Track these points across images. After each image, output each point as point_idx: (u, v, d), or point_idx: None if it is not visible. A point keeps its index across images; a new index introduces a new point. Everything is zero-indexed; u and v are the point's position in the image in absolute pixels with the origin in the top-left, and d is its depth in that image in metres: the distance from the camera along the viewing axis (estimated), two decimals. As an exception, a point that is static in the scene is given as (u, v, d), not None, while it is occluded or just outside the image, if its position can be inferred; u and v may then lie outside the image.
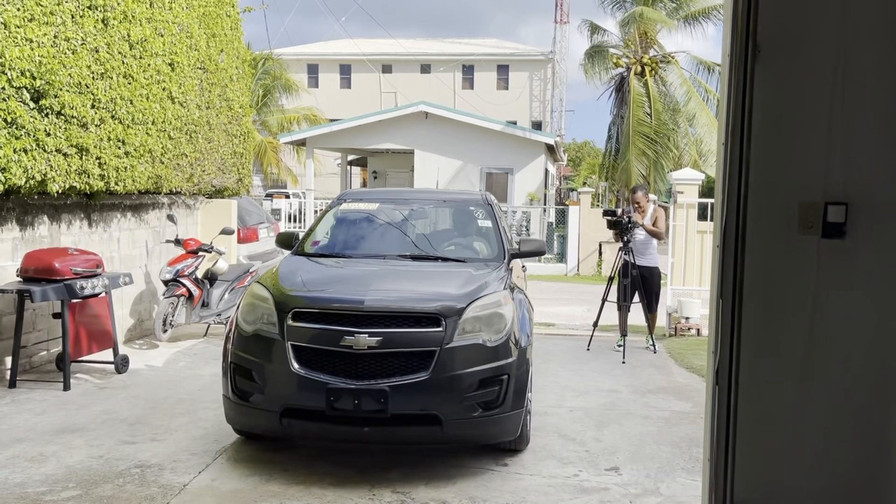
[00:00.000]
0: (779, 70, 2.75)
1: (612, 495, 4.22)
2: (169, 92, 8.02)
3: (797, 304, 2.79)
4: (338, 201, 6.27)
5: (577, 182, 38.65)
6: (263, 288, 4.72)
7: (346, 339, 4.22)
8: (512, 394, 4.39)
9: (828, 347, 2.78)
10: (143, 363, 7.08)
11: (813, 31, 2.74)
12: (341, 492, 4.16)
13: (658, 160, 21.67)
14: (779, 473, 2.82)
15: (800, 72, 2.75)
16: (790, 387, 2.80)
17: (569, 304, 12.13)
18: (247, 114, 10.46)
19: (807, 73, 2.75)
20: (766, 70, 2.74)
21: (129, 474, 4.35)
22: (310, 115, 29.14)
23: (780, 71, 2.75)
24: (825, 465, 2.81)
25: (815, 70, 2.74)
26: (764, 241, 2.79)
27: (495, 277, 4.96)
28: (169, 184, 8.24)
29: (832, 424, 2.80)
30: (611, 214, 8.16)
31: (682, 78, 22.58)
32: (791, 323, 2.80)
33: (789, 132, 2.78)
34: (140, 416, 5.44)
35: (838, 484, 2.81)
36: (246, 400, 4.45)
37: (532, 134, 21.12)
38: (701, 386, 6.73)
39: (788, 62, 2.75)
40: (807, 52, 2.75)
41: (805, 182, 2.78)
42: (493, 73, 38.72)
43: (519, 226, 18.15)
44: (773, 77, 2.75)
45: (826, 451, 2.80)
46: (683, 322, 9.20)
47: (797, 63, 2.75)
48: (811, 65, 2.75)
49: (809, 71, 2.75)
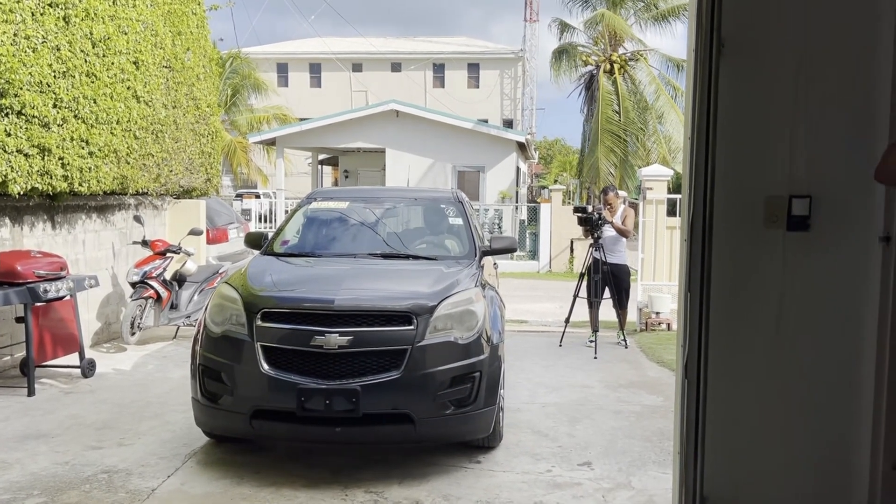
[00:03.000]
0: (743, 66, 2.78)
1: (585, 490, 4.23)
2: (134, 91, 7.88)
3: (764, 297, 2.82)
4: (307, 200, 6.22)
5: (548, 180, 38.86)
6: (232, 288, 4.66)
7: (316, 338, 4.18)
8: (484, 391, 4.39)
9: (794, 339, 2.82)
10: (111, 367, 6.96)
11: (775, 28, 2.78)
12: (313, 493, 4.12)
13: (626, 158, 21.87)
14: (747, 465, 2.86)
15: (763, 68, 2.79)
16: (758, 379, 2.84)
17: (541, 301, 12.18)
18: (215, 113, 10.33)
19: (770, 69, 2.78)
20: (731, 66, 2.77)
21: (95, 480, 4.27)
22: (280, 115, 28.88)
23: (745, 67, 2.78)
24: (792, 457, 2.85)
25: (778, 66, 2.78)
26: (730, 235, 2.82)
27: (467, 275, 4.95)
28: (135, 184, 8.10)
29: (799, 416, 2.84)
30: (581, 211, 8.22)
31: (650, 76, 22.81)
32: (758, 315, 2.83)
33: (754, 127, 2.81)
34: (107, 420, 5.35)
35: (805, 475, 2.85)
36: (215, 402, 4.38)
37: (503, 132, 21.17)
38: (671, 380, 6.77)
39: (752, 58, 2.78)
40: (770, 48, 2.78)
41: (770, 176, 2.81)
42: (464, 71, 38.72)
43: (491, 224, 18.19)
44: (737, 73, 2.78)
45: (793, 443, 2.84)
46: (654, 317, 9.28)
47: (761, 59, 2.78)
48: (774, 61, 2.78)
49: (773, 67, 2.78)
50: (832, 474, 2.84)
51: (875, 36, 2.73)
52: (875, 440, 2.77)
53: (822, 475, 2.84)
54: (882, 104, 2.74)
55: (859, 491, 2.81)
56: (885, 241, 2.74)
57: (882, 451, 2.76)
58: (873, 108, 2.75)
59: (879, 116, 2.75)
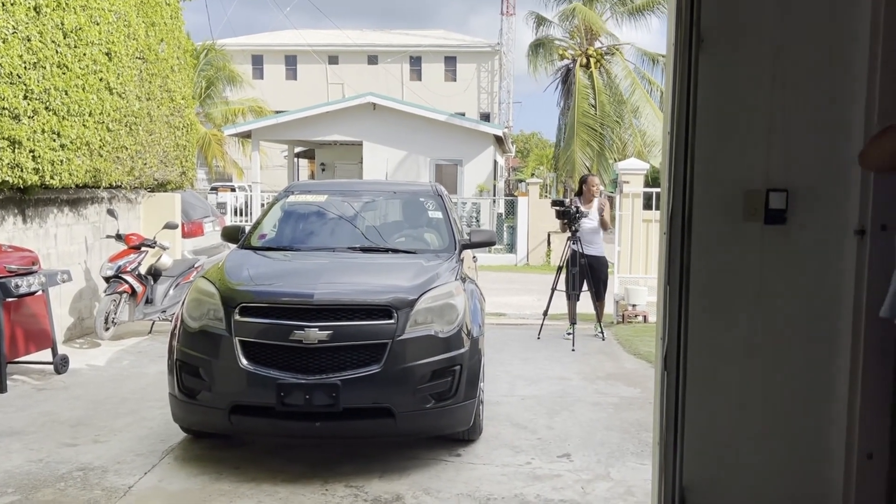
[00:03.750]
0: (722, 60, 2.80)
1: (565, 481, 4.26)
2: (106, 82, 7.75)
3: (742, 290, 2.85)
4: (285, 193, 6.17)
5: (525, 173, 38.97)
6: (209, 283, 4.61)
7: (295, 333, 4.16)
8: (465, 384, 4.39)
9: (772, 331, 2.85)
10: (85, 363, 6.86)
11: (753, 22, 2.80)
12: (294, 488, 4.10)
13: (602, 151, 21.99)
14: (726, 456, 2.89)
15: (742, 62, 2.81)
16: (736, 371, 2.87)
17: (519, 293, 12.22)
18: (189, 105, 10.20)
19: (749, 63, 2.81)
20: (710, 60, 2.79)
21: (70, 477, 4.21)
22: (255, 107, 28.59)
23: (724, 61, 2.80)
24: (770, 447, 2.89)
25: (756, 60, 2.80)
26: (709, 228, 2.84)
27: (447, 268, 4.95)
28: (108, 177, 7.98)
29: (777, 407, 2.88)
30: (559, 205, 8.25)
31: (626, 70, 22.93)
32: (736, 308, 2.86)
33: (732, 121, 2.83)
34: (82, 417, 5.27)
35: (783, 464, 2.89)
36: (193, 397, 4.34)
37: (481, 125, 21.19)
38: (649, 372, 6.86)
39: (731, 52, 2.80)
40: (748, 42, 2.81)
41: (748, 170, 2.84)
42: (441, 64, 38.64)
43: (469, 217, 18.22)
44: (716, 67, 2.80)
45: (771, 432, 2.88)
46: (630, 309, 9.36)
47: (739, 53, 2.81)
48: (753, 55, 2.81)
49: (751, 61, 2.81)
50: (809, 464, 2.88)
51: (851, 30, 2.76)
52: (850, 430, 2.82)
53: (799, 465, 2.88)
54: (857, 99, 2.77)
55: (835, 480, 2.86)
56: (859, 234, 2.78)
57: (857, 440, 2.81)
58: (849, 102, 2.79)
59: (855, 111, 2.79)
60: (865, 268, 2.77)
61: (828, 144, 2.81)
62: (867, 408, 2.79)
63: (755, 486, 2.89)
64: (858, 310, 2.79)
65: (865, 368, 2.78)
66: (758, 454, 2.88)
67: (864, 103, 2.76)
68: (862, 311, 2.78)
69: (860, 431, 2.80)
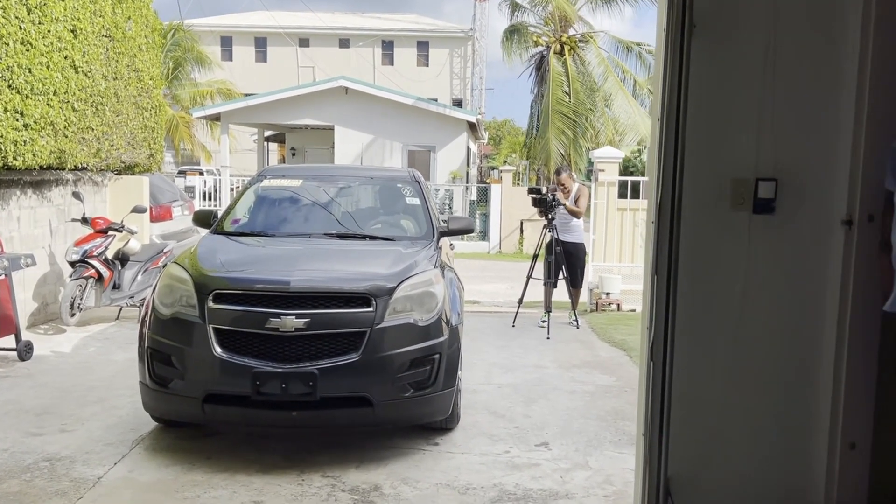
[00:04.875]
0: (714, 46, 2.76)
1: (543, 470, 4.24)
2: (72, 60, 7.50)
3: (730, 279, 2.83)
4: (259, 177, 6.04)
5: (497, 160, 38.94)
6: (181, 269, 4.48)
7: (271, 321, 4.06)
8: (443, 373, 4.34)
9: (758, 321, 2.84)
10: (50, 349, 6.67)
11: (747, 8, 2.76)
12: (269, 478, 4.02)
13: (576, 139, 22.01)
14: (711, 446, 2.88)
15: (734, 48, 2.77)
16: (723, 361, 2.86)
17: (492, 281, 12.20)
18: (158, 86, 9.94)
19: (741, 50, 2.77)
20: (702, 46, 2.74)
21: (37, 468, 4.07)
22: (224, 90, 28.09)
23: (716, 47, 2.76)
24: (755, 437, 2.88)
25: (749, 47, 2.77)
26: (697, 218, 2.81)
27: (425, 256, 4.88)
28: (74, 159, 7.74)
29: (762, 397, 2.87)
30: (536, 192, 8.22)
31: (599, 57, 22.93)
32: (723, 297, 2.84)
33: (723, 108, 2.80)
34: (47, 405, 5.11)
35: (767, 454, 2.88)
36: (165, 386, 4.23)
37: (454, 111, 21.06)
38: (623, 360, 6.88)
39: (723, 39, 2.76)
40: (741, 29, 2.77)
41: (737, 159, 2.81)
42: (413, 49, 38.33)
43: (442, 204, 18.13)
44: (708, 54, 2.76)
45: (756, 422, 2.87)
46: (604, 297, 9.38)
47: (732, 40, 2.77)
48: (744, 43, 2.77)
49: (744, 48, 2.77)
50: (793, 453, 2.88)
51: (843, 21, 2.74)
52: (834, 420, 2.82)
53: (784, 455, 2.88)
54: (848, 89, 2.75)
55: (818, 469, 2.87)
56: (847, 224, 2.77)
57: (840, 430, 2.81)
58: (839, 92, 2.77)
59: (845, 100, 2.77)
60: (852, 258, 2.76)
61: (818, 134, 2.79)
62: (851, 398, 2.79)
63: (740, 477, 2.88)
64: (845, 300, 2.78)
65: (850, 359, 2.78)
66: (743, 444, 2.87)
67: (854, 94, 2.74)
68: (848, 301, 2.77)
69: (844, 421, 2.81)
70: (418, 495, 3.87)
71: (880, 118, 2.72)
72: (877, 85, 2.70)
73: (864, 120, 2.72)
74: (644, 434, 2.88)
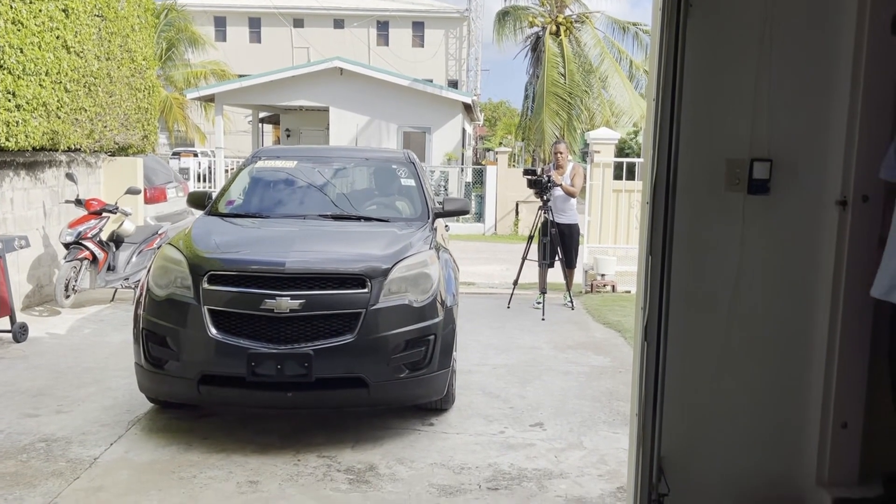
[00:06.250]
0: (710, 26, 2.74)
1: (538, 450, 4.27)
2: (64, 40, 7.43)
3: (724, 260, 2.84)
4: (253, 159, 6.01)
5: (493, 142, 38.79)
6: (176, 250, 4.47)
7: (266, 302, 4.06)
8: (439, 354, 4.35)
9: (752, 301, 2.85)
10: (45, 331, 6.67)
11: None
12: (265, 458, 4.04)
13: (571, 121, 21.93)
14: (705, 426, 2.90)
15: (730, 28, 2.76)
16: (717, 341, 2.87)
17: (488, 263, 12.21)
18: (151, 66, 9.86)
19: (737, 30, 2.76)
20: (698, 25, 2.72)
21: (33, 449, 4.09)
22: (218, 71, 27.82)
23: (712, 27, 2.74)
24: (748, 416, 2.90)
25: (745, 27, 2.75)
26: (692, 198, 2.81)
27: (420, 237, 4.87)
28: (67, 140, 7.69)
29: (755, 377, 2.89)
30: (531, 174, 8.21)
31: (595, 38, 22.79)
32: (718, 278, 2.85)
33: (719, 89, 2.79)
34: (43, 387, 5.12)
35: (760, 433, 2.91)
36: (160, 367, 4.23)
37: (449, 93, 20.93)
38: (618, 341, 6.91)
39: (720, 18, 2.75)
40: (737, 8, 2.75)
41: (732, 139, 2.81)
42: (409, 30, 38.04)
43: (437, 185, 18.08)
44: (703, 33, 2.74)
45: (749, 402, 2.89)
46: (599, 279, 9.40)
47: (728, 20, 2.75)
48: (742, 22, 2.76)
49: (740, 28, 2.76)
50: (786, 432, 2.91)
51: (838, 2, 2.72)
52: (826, 400, 2.85)
53: (776, 433, 2.91)
54: (843, 69, 2.75)
55: (810, 448, 2.89)
56: (841, 205, 2.78)
57: (832, 410, 2.83)
58: (834, 72, 2.76)
59: (840, 81, 2.76)
60: (846, 238, 2.77)
61: (813, 114, 2.79)
62: (843, 378, 2.81)
63: (733, 455, 2.90)
64: (838, 280, 2.79)
65: (843, 339, 2.79)
66: (736, 424, 2.90)
67: (850, 74, 2.73)
68: (841, 281, 2.78)
69: (835, 401, 2.83)
70: (413, 475, 3.90)
71: (876, 98, 2.71)
72: (872, 65, 2.69)
73: (859, 100, 2.72)
74: (638, 414, 2.89)
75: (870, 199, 2.74)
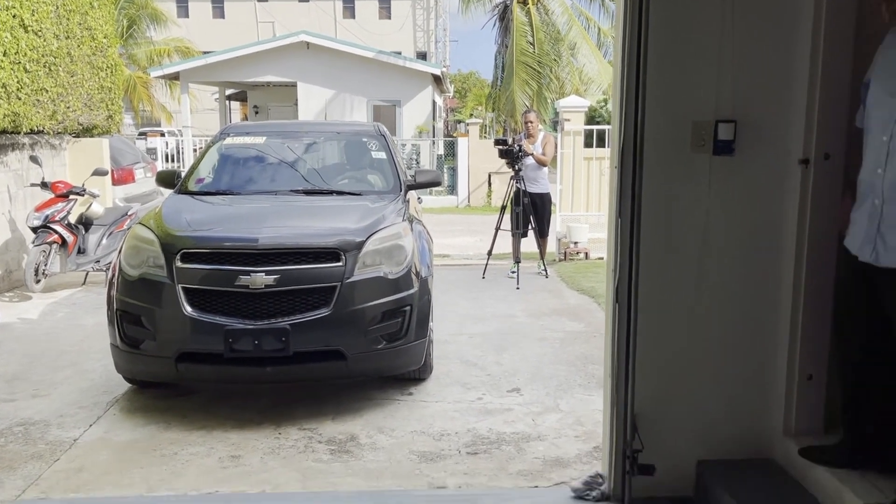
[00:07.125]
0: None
1: (516, 415, 4.35)
2: (20, 19, 7.25)
3: (690, 220, 2.90)
4: (221, 135, 5.95)
5: (464, 114, 38.59)
6: (147, 229, 4.44)
7: (241, 278, 4.06)
8: (415, 324, 4.39)
9: (718, 260, 2.92)
10: (16, 316, 6.59)
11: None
12: (245, 433, 4.07)
13: (541, 90, 21.89)
14: (676, 384, 2.98)
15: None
16: (685, 301, 2.94)
17: (462, 235, 12.25)
18: (112, 44, 9.65)
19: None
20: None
21: (10, 433, 4.07)
22: (182, 48, 27.27)
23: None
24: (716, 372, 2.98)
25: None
26: (659, 161, 2.86)
27: (393, 210, 4.88)
28: (29, 122, 7.54)
29: (723, 334, 2.97)
30: (502, 144, 8.23)
31: (563, 6, 22.68)
32: (685, 238, 2.91)
33: (683, 52, 2.82)
34: (17, 372, 5.08)
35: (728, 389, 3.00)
36: (136, 347, 4.22)
37: (418, 65, 20.77)
38: (592, 306, 7.01)
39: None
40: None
41: (697, 101, 2.85)
42: (375, 1, 37.57)
43: (409, 159, 18.01)
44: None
45: (717, 359, 2.98)
46: (572, 246, 9.49)
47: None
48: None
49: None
50: (754, 386, 3.00)
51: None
52: (792, 353, 2.93)
53: (744, 387, 3.00)
54: (804, 31, 2.79)
55: (777, 400, 2.99)
56: (804, 163, 2.84)
57: (798, 363, 2.92)
58: (796, 34, 2.81)
59: (801, 42, 2.81)
60: (808, 196, 2.84)
61: (775, 75, 2.84)
62: (808, 332, 2.89)
63: (703, 410, 2.99)
64: (801, 238, 2.87)
65: (807, 295, 2.87)
66: (705, 379, 2.98)
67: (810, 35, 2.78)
68: (805, 238, 2.86)
69: (801, 354, 2.92)
70: (394, 443, 3.96)
71: (835, 58, 2.77)
72: (832, 26, 2.74)
73: (819, 60, 2.77)
74: (611, 374, 2.96)
75: (831, 157, 2.81)
